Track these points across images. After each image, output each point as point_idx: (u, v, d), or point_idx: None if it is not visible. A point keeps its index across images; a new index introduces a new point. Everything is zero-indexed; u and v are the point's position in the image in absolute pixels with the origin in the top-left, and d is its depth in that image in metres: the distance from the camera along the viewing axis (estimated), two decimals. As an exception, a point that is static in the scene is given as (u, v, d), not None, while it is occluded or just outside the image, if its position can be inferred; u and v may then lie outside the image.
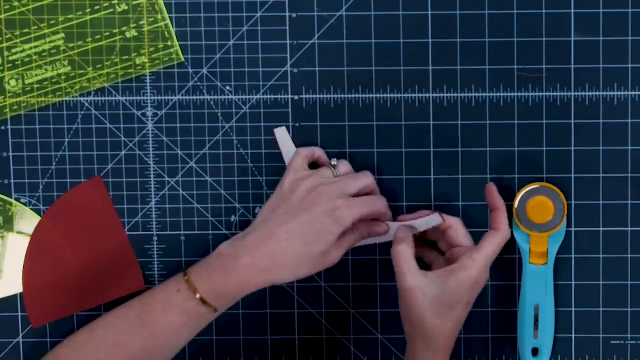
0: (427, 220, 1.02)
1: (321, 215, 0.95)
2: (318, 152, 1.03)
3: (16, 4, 1.05)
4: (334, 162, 1.01)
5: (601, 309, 1.06)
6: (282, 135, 1.05)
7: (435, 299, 0.96)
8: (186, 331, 0.96)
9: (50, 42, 1.05)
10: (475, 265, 0.97)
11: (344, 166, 1.02)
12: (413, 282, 0.96)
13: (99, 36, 1.05)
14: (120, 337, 0.96)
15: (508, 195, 1.04)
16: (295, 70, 1.05)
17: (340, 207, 0.96)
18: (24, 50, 1.05)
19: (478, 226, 1.05)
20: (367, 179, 1.00)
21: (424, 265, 1.03)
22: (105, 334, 0.96)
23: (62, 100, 1.06)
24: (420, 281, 0.97)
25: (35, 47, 1.05)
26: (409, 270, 0.97)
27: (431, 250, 1.04)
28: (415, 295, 0.96)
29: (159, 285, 0.97)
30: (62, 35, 1.05)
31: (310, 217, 0.95)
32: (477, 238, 1.02)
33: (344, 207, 0.96)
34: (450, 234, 1.01)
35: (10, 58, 1.05)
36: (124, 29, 1.05)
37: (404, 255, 0.98)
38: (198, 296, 0.95)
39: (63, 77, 1.05)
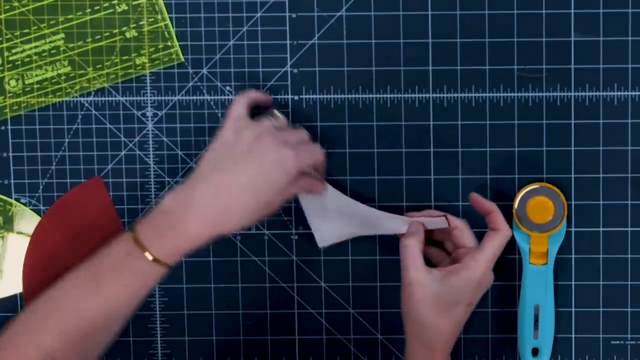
0: (433, 222, 1.02)
1: (270, 165, 0.94)
2: (254, 94, 1.02)
3: (16, 4, 1.05)
4: (274, 112, 1.00)
5: (601, 309, 1.06)
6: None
7: (436, 296, 0.96)
8: (142, 291, 0.96)
9: (50, 42, 1.05)
10: (477, 265, 0.97)
11: (281, 117, 1.01)
12: (416, 276, 0.97)
13: (98, 36, 1.05)
14: (77, 304, 0.94)
15: (508, 195, 1.04)
16: (295, 71, 1.05)
17: (288, 158, 0.95)
18: (24, 51, 1.05)
19: (479, 226, 1.04)
20: (303, 132, 1.00)
21: (431, 265, 1.03)
22: (62, 302, 0.95)
23: (62, 101, 1.06)
24: (423, 276, 0.97)
25: (35, 47, 1.05)
26: (414, 263, 0.97)
27: (438, 251, 1.04)
28: (417, 289, 0.97)
29: (107, 248, 0.95)
30: (62, 35, 1.05)
31: (258, 167, 0.94)
32: (479, 238, 1.03)
33: (291, 158, 0.95)
34: (456, 235, 1.01)
35: (10, 58, 1.05)
36: (123, 29, 1.05)
37: (411, 249, 0.98)
38: (149, 257, 0.94)
39: (63, 77, 1.05)
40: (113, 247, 0.95)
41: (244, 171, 0.94)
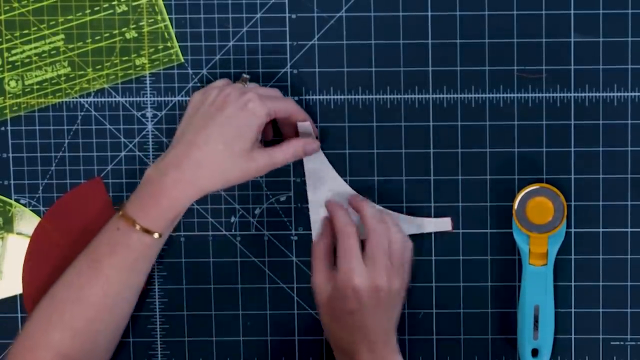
0: (435, 222, 1.02)
1: (235, 111, 0.96)
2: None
3: (16, 4, 1.04)
4: (245, 75, 1.01)
5: (601, 310, 1.05)
6: (305, 129, 1.04)
7: (329, 300, 0.98)
8: (139, 265, 0.97)
9: (49, 43, 1.05)
10: (347, 269, 0.98)
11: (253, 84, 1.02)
12: (316, 279, 0.99)
13: (98, 37, 1.05)
14: (78, 292, 0.96)
15: (507, 196, 1.04)
16: (295, 71, 1.05)
17: (251, 99, 0.96)
18: (23, 51, 1.05)
19: (478, 227, 1.05)
20: (275, 90, 1.01)
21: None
22: (65, 294, 0.96)
23: (62, 101, 1.06)
24: (320, 280, 0.99)
25: (35, 48, 1.05)
26: (316, 266, 0.99)
27: None
28: (317, 293, 0.99)
29: (101, 231, 0.98)
30: (62, 36, 1.05)
31: (224, 116, 0.96)
32: (475, 239, 1.03)
33: (255, 99, 0.96)
34: None
35: (10, 59, 1.05)
36: (123, 29, 1.05)
37: (317, 252, 1.00)
38: (138, 227, 0.95)
39: (63, 78, 1.05)
40: (105, 228, 0.97)
41: (209, 123, 0.96)
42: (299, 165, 1.05)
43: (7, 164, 1.06)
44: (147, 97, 1.06)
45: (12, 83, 1.05)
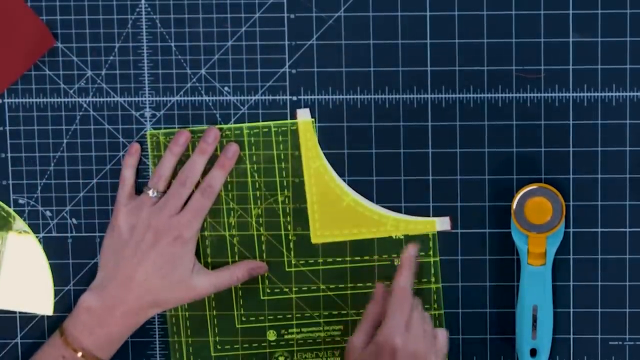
0: (438, 222, 1.03)
1: (166, 246, 1.00)
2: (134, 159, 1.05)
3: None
4: (150, 191, 1.03)
5: (599, 310, 1.06)
6: (304, 116, 1.04)
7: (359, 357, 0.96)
8: None
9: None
10: (380, 333, 0.96)
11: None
12: (354, 338, 0.97)
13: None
14: None
15: (506, 195, 1.04)
16: (294, 71, 1.05)
17: (180, 234, 1.00)
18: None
19: (476, 227, 1.05)
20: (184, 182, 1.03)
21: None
22: None
23: (61, 101, 1.06)
24: (358, 339, 0.97)
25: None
26: (360, 327, 0.98)
27: None
28: (349, 350, 0.97)
29: (40, 355, 1.01)
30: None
31: (157, 252, 1.00)
32: (474, 239, 1.03)
33: (182, 229, 1.01)
34: None
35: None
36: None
37: (366, 315, 0.99)
38: (81, 354, 0.99)
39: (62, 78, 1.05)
40: (48, 353, 1.00)
41: (144, 259, 1.00)
42: (297, 165, 1.05)
43: (6, 163, 1.06)
44: (145, 96, 1.06)
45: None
